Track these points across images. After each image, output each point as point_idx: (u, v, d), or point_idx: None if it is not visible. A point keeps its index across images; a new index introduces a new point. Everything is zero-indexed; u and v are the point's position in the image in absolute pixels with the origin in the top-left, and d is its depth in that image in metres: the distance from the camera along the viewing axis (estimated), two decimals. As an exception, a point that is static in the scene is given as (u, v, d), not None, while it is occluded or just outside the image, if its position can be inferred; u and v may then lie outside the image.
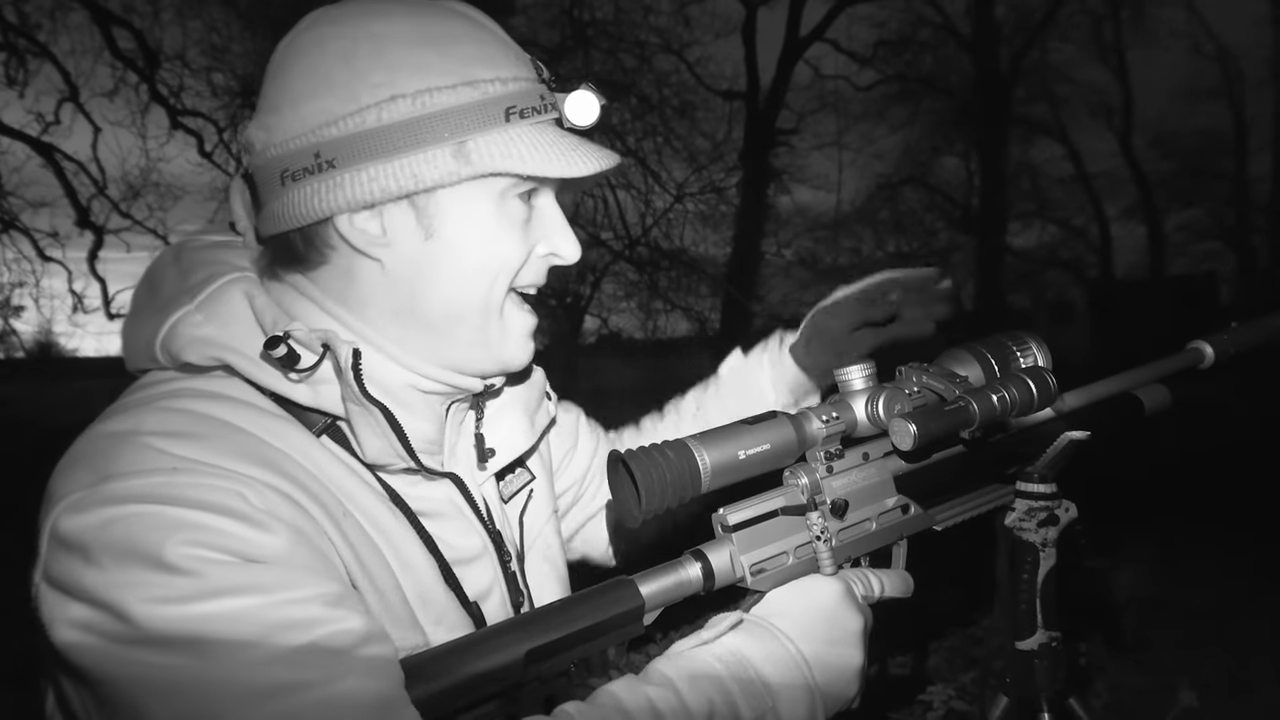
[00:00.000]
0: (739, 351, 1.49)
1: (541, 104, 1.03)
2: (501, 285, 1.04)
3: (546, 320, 15.62)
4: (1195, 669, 3.66)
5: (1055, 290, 22.34)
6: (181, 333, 0.98)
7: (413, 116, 0.95)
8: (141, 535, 0.80)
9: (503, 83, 1.00)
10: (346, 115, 0.95)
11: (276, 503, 0.87)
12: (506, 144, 0.98)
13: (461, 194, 1.00)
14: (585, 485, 1.45)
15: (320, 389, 0.98)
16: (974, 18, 20.95)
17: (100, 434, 0.91)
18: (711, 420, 1.45)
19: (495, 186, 1.01)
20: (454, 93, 0.97)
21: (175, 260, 1.08)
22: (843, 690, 0.99)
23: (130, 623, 0.78)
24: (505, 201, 1.02)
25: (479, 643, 0.89)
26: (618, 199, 13.52)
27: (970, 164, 22.65)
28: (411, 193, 0.97)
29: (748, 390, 1.44)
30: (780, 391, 1.43)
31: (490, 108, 0.98)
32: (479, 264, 1.02)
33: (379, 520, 1.00)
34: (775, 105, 16.27)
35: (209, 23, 12.17)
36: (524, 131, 1.00)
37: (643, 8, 14.19)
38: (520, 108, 1.00)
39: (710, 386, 1.50)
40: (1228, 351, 1.36)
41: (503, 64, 1.02)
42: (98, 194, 11.83)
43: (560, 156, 0.99)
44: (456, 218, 1.00)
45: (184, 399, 0.95)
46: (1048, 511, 1.25)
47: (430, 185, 0.97)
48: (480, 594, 1.09)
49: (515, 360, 1.09)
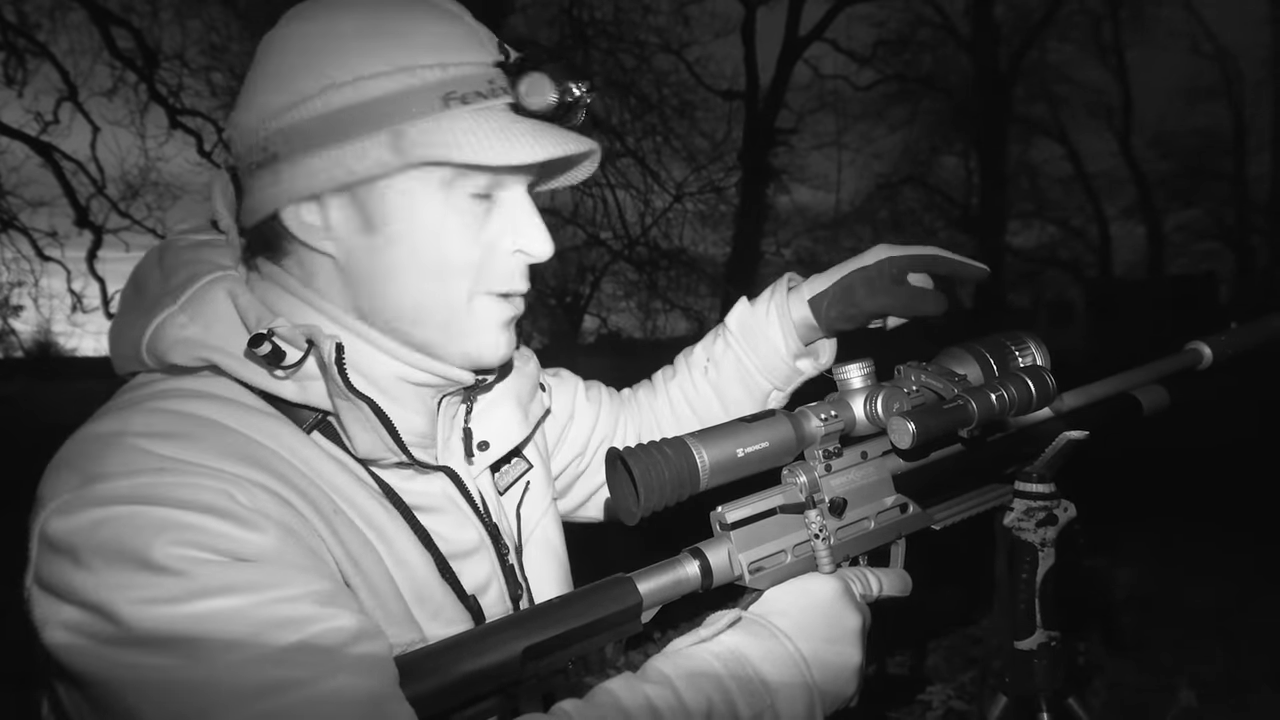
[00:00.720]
0: (745, 300, 1.41)
1: (490, 88, 0.97)
2: (459, 286, 1.01)
3: (546, 320, 15.64)
4: (1194, 668, 3.66)
5: (1054, 290, 22.37)
6: (166, 335, 0.97)
7: (346, 106, 0.94)
8: (129, 536, 0.80)
9: (443, 68, 0.96)
10: (289, 107, 0.95)
11: (265, 501, 0.87)
12: (441, 131, 0.94)
13: (403, 186, 0.97)
14: (589, 455, 1.42)
15: (307, 385, 0.97)
16: (973, 17, 20.98)
17: (87, 436, 0.90)
18: (723, 372, 1.40)
19: (438, 177, 0.97)
20: (389, 80, 0.95)
21: (159, 261, 1.07)
22: (841, 689, 0.99)
23: (120, 624, 0.78)
24: (453, 194, 0.98)
25: (476, 640, 0.88)
26: (617, 199, 13.52)
27: (969, 164, 22.67)
28: (346, 184, 0.96)
29: (756, 340, 1.38)
30: (790, 339, 1.36)
31: (426, 94, 0.95)
32: (428, 260, 0.99)
33: (372, 516, 0.99)
34: (774, 105, 16.28)
35: (208, 22, 12.18)
36: (463, 117, 0.95)
37: (642, 7, 14.20)
38: (461, 93, 0.96)
39: (719, 339, 1.43)
40: (1226, 353, 1.36)
41: (451, 49, 0.98)
42: (96, 193, 11.84)
43: (501, 142, 0.94)
44: (399, 211, 0.97)
45: (171, 399, 0.94)
46: (1046, 511, 1.25)
47: (363, 176, 0.95)
48: (478, 588, 1.09)
49: (485, 358, 1.05)
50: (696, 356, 1.45)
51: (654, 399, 1.48)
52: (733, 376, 1.39)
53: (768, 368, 1.37)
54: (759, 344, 1.37)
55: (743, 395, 1.39)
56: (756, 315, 1.38)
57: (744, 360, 1.38)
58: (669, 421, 1.46)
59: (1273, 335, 1.40)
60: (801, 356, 1.38)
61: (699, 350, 1.45)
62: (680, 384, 1.45)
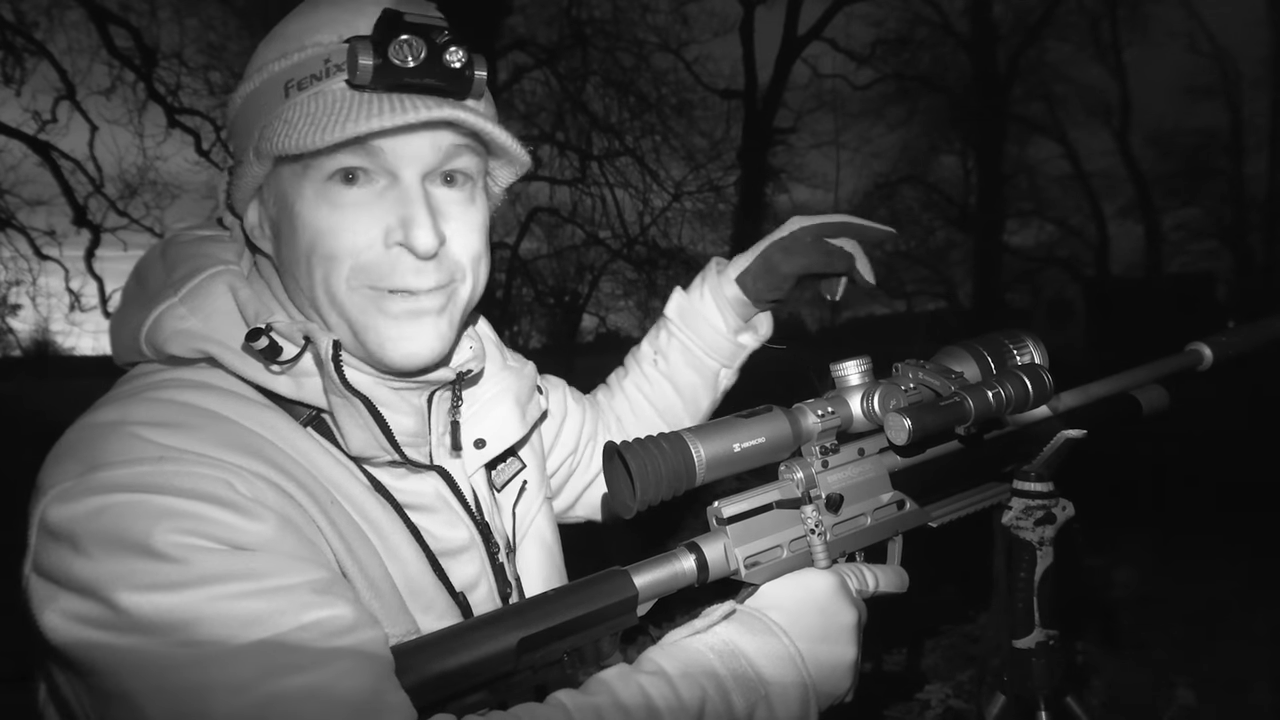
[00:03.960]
0: (680, 289, 1.47)
1: (325, 68, 0.94)
2: (336, 277, 0.97)
3: (545, 319, 15.62)
4: (1192, 667, 3.67)
5: (1052, 288, 22.38)
6: (165, 325, 0.98)
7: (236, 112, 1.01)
8: (129, 524, 0.80)
9: (285, 57, 0.96)
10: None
11: (264, 490, 0.87)
12: (278, 124, 0.94)
13: (276, 182, 1.00)
14: (580, 453, 1.45)
15: (303, 381, 0.98)
16: (971, 17, 21.00)
17: (88, 425, 0.91)
18: (671, 360, 1.46)
19: (301, 171, 0.97)
20: (250, 82, 0.99)
21: (162, 255, 1.08)
22: (836, 684, 0.99)
23: (119, 610, 0.78)
24: (320, 184, 0.97)
25: (472, 630, 0.88)
26: (616, 198, 13.53)
27: (967, 162, 22.73)
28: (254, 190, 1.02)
29: (696, 323, 1.44)
30: (728, 315, 1.43)
31: (273, 87, 0.96)
32: (303, 254, 0.98)
33: (366, 510, 1.00)
34: (773, 104, 16.28)
35: (206, 21, 12.18)
36: (299, 104, 0.95)
37: (641, 6, 14.20)
38: (298, 79, 0.95)
39: (662, 330, 1.48)
40: (1226, 354, 1.36)
41: (305, 34, 0.97)
42: (94, 192, 11.83)
43: (312, 126, 0.90)
44: (281, 207, 1.00)
45: (170, 389, 0.95)
46: (1045, 510, 1.25)
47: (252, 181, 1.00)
48: (467, 585, 1.09)
49: (390, 356, 1.00)
50: (644, 351, 1.50)
51: (612, 399, 1.52)
52: (681, 362, 1.45)
53: (712, 347, 1.43)
54: (700, 326, 1.43)
55: (694, 378, 1.45)
56: (693, 300, 1.44)
57: (689, 344, 1.44)
58: (629, 418, 1.50)
59: (1274, 337, 1.40)
60: (742, 331, 1.45)
61: (645, 345, 1.50)
62: (634, 379, 1.50)
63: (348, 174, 0.96)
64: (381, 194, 0.98)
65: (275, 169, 0.98)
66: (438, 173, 1.00)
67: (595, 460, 1.46)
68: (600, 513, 1.51)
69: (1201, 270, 22.44)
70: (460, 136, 0.99)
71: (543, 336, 15.94)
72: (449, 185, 1.02)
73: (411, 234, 0.96)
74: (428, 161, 0.98)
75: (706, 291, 1.43)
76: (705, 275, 1.45)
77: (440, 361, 1.04)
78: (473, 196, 1.04)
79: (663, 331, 1.47)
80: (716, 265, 1.45)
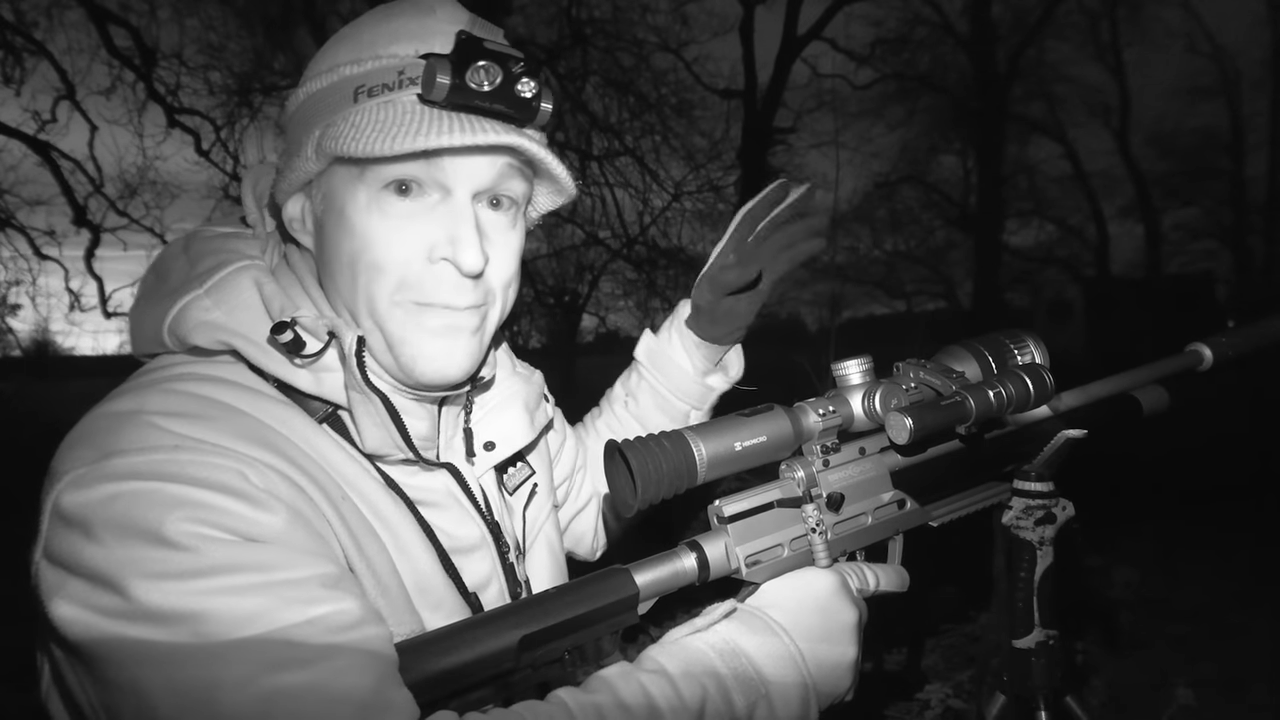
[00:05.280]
0: (649, 331, 1.48)
1: (398, 79, 0.96)
2: (382, 289, 0.98)
3: (544, 319, 15.63)
4: (1192, 667, 3.67)
5: (1052, 288, 22.39)
6: (190, 316, 0.99)
7: (298, 105, 1.01)
8: (142, 512, 0.80)
9: (358, 63, 0.98)
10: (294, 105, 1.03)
11: (276, 483, 0.88)
12: (344, 125, 0.95)
13: (330, 182, 1.00)
14: (572, 479, 1.46)
15: (323, 376, 0.99)
16: (971, 16, 21.00)
17: (104, 413, 0.91)
18: (641, 402, 1.46)
19: (357, 175, 0.98)
20: (321, 79, 1.00)
21: (185, 249, 1.09)
22: (836, 683, 0.99)
23: (129, 598, 0.78)
24: (374, 191, 0.98)
25: (474, 628, 0.89)
26: (615, 197, 13.53)
27: (967, 162, 22.75)
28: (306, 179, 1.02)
29: (664, 366, 1.43)
30: (695, 358, 1.42)
31: (341, 90, 0.97)
32: (349, 260, 0.99)
33: (378, 506, 1.01)
34: (773, 104, 16.27)
35: (206, 21, 12.15)
36: (367, 111, 0.96)
37: (640, 6, 14.18)
38: (369, 86, 0.96)
39: (633, 373, 1.49)
40: (1226, 355, 1.36)
41: (379, 44, 0.98)
42: (94, 192, 11.80)
43: (381, 134, 0.92)
44: (330, 206, 1.01)
45: (188, 382, 0.96)
46: (1045, 510, 1.25)
47: (300, 173, 1.00)
48: (479, 584, 1.10)
49: (422, 371, 1.01)
50: (616, 393, 1.52)
51: (588, 436, 1.53)
52: (650, 404, 1.45)
53: (680, 390, 1.43)
54: (668, 369, 1.43)
55: (664, 420, 1.45)
56: (661, 343, 1.45)
57: (657, 387, 1.44)
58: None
59: (1274, 337, 1.40)
60: (711, 373, 1.44)
61: (618, 387, 1.52)
62: (606, 420, 1.52)
63: (402, 185, 0.97)
64: (432, 208, 0.99)
65: (329, 168, 1.00)
66: (487, 194, 1.02)
67: (584, 489, 1.48)
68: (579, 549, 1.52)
69: (1201, 270, 22.46)
70: (515, 160, 1.02)
71: (542, 336, 15.94)
72: (494, 208, 1.04)
73: (460, 252, 0.98)
74: (482, 182, 1.00)
75: (673, 333, 1.43)
76: (674, 317, 1.44)
77: (467, 380, 1.07)
78: (515, 221, 1.06)
79: (633, 374, 1.49)
80: (686, 307, 1.43)
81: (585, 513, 1.50)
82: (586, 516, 1.50)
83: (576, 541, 1.51)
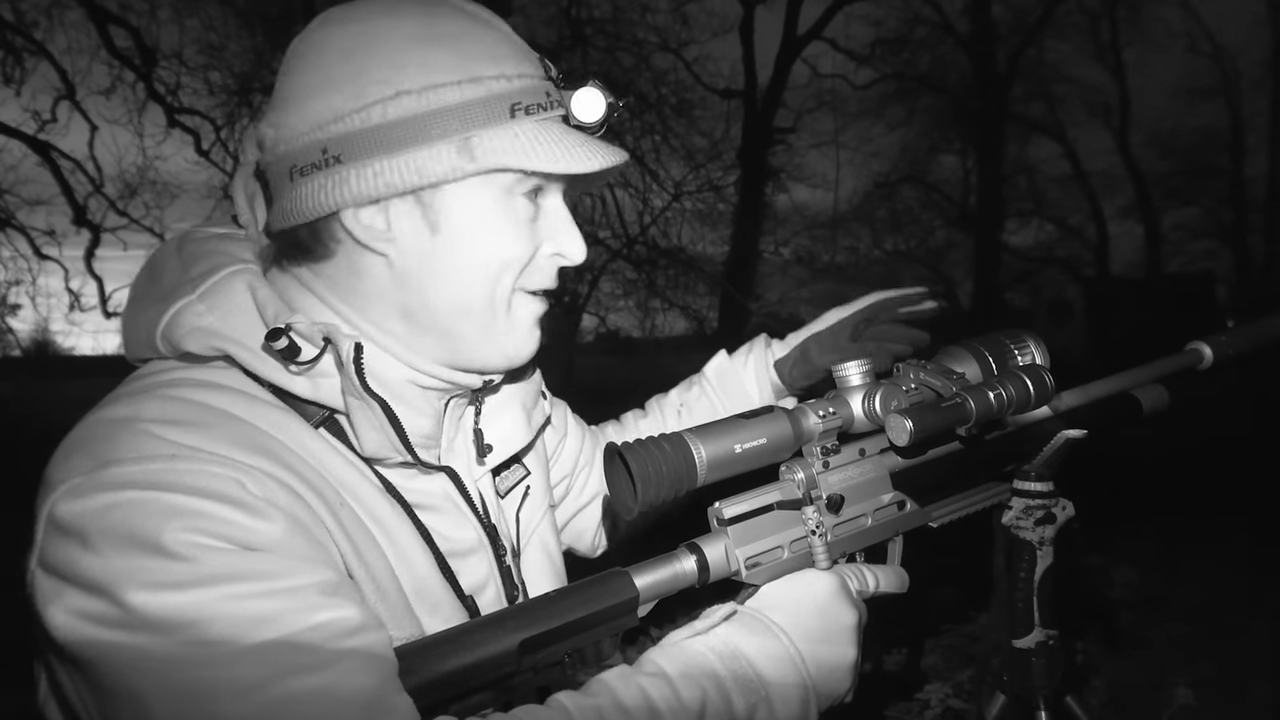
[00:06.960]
0: (724, 353, 1.54)
1: (547, 100, 1.03)
2: (507, 282, 1.04)
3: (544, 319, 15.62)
4: (1192, 667, 3.67)
5: (1052, 288, 22.36)
6: (183, 322, 0.99)
7: (418, 113, 0.96)
8: (140, 521, 0.80)
9: (508, 79, 1.00)
10: (353, 112, 0.96)
11: (274, 491, 0.87)
12: (511, 140, 0.98)
13: (466, 190, 1.00)
14: (575, 477, 1.46)
15: (320, 382, 0.99)
16: (971, 16, 21.00)
17: (99, 420, 0.91)
18: (696, 416, 1.50)
19: (500, 183, 1.01)
20: (458, 89, 0.98)
21: (178, 251, 1.08)
22: (836, 685, 0.99)
23: (126, 608, 0.78)
24: (511, 198, 1.03)
25: (473, 632, 0.89)
26: (616, 198, 13.51)
27: (967, 162, 22.74)
28: (417, 188, 0.98)
29: (732, 389, 1.50)
30: (765, 391, 1.49)
31: (495, 104, 0.99)
32: (484, 259, 1.02)
33: (375, 511, 1.00)
34: (773, 104, 16.28)
35: (206, 21, 12.16)
36: (529, 128, 1.00)
37: (640, 6, 14.19)
38: (525, 104, 1.01)
39: (695, 385, 1.53)
40: (1227, 353, 1.36)
41: (508, 61, 1.02)
42: (94, 192, 11.81)
43: (565, 153, 1.00)
44: (461, 213, 1.00)
45: (183, 388, 0.95)
46: (1045, 510, 1.25)
47: (435, 180, 0.97)
48: (475, 587, 1.10)
49: (521, 354, 1.10)
50: (670, 399, 1.55)
51: (623, 435, 1.54)
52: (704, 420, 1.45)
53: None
54: (735, 392, 1.49)
55: None
56: (735, 365, 1.51)
57: (717, 406, 1.49)
58: None
59: (1274, 336, 1.40)
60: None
61: (674, 394, 1.55)
62: (651, 424, 1.53)
63: (538, 191, 1.05)
64: (542, 210, 1.07)
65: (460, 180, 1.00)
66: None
67: (588, 487, 1.48)
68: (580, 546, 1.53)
69: (1201, 270, 22.43)
70: None
71: (543, 336, 15.90)
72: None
73: (571, 246, 1.09)
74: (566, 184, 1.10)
75: (752, 360, 1.50)
76: (753, 346, 1.52)
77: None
78: None
79: (695, 387, 1.53)
80: (765, 341, 1.52)
81: (588, 510, 1.50)
82: (589, 514, 1.50)
83: (577, 538, 1.51)
